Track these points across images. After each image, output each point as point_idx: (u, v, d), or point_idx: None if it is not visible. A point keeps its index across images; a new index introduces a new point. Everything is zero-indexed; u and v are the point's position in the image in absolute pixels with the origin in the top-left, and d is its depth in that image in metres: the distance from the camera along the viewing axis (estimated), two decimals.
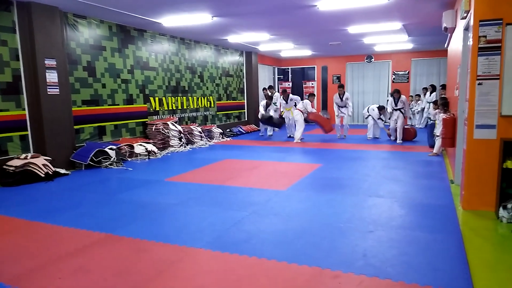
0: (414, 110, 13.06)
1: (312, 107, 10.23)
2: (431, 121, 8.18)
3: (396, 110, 9.27)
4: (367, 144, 9.11)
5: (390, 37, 10.19)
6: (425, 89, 12.80)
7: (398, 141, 9.10)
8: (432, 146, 7.75)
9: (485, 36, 3.81)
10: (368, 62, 14.48)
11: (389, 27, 8.53)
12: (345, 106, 10.21)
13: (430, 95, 12.28)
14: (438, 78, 13.51)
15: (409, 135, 9.41)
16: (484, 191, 3.96)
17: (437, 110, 7.44)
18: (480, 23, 3.82)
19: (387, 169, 6.21)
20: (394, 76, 14.11)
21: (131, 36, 8.20)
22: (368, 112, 10.09)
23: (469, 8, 4.11)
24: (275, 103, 11.90)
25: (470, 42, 3.96)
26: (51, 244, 3.34)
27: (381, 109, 9.84)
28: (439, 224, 3.60)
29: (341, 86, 10.29)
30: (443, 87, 9.88)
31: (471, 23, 3.92)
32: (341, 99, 10.16)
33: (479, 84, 3.88)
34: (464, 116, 4.33)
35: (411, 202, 4.37)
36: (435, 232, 3.40)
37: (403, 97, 9.31)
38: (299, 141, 9.70)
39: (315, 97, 11.22)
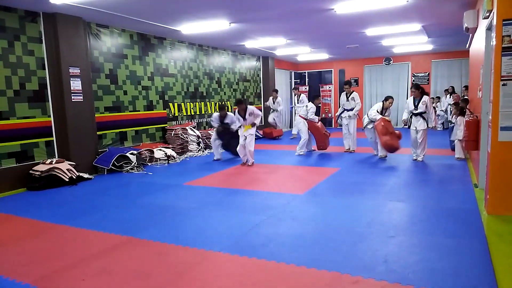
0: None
1: (323, 112, 8.76)
2: (452, 124, 7.98)
3: (416, 115, 6.93)
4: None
5: (409, 39, 10.03)
6: (447, 91, 12.52)
7: (419, 158, 7.01)
8: (453, 149, 7.57)
9: (509, 36, 3.72)
10: (386, 64, 14.29)
11: (408, 28, 8.41)
12: (351, 110, 8.23)
13: (450, 97, 12.02)
14: (459, 80, 13.19)
15: None
16: (510, 195, 3.84)
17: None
18: (504, 22, 3.73)
19: (408, 172, 6.10)
20: (413, 78, 13.86)
21: (151, 44, 8.38)
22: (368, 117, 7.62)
23: (492, 7, 4.02)
24: (276, 110, 11.70)
25: (494, 42, 3.87)
26: (75, 246, 3.43)
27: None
28: (463, 229, 3.51)
29: (348, 83, 8.43)
30: (466, 88, 9.64)
31: (494, 22, 3.84)
32: (347, 99, 8.29)
33: (503, 85, 3.78)
34: (488, 118, 4.22)
35: (433, 206, 4.28)
36: (459, 237, 3.32)
37: (425, 97, 6.90)
38: (301, 153, 8.21)
39: (320, 98, 9.12)
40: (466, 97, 8.71)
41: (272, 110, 11.87)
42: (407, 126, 7.19)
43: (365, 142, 8.44)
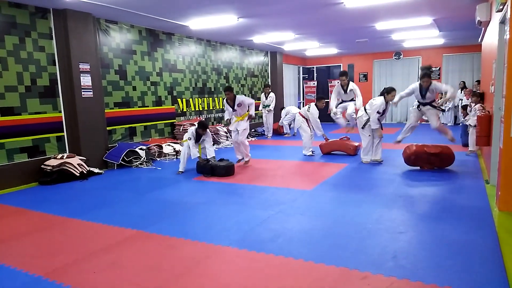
0: (445, 109, 12.59)
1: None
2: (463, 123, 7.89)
3: (425, 104, 6.20)
4: (395, 144, 8.79)
5: (419, 33, 9.88)
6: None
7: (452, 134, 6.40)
8: (465, 145, 7.47)
9: None
10: (396, 59, 14.12)
11: (418, 22, 8.29)
12: (352, 100, 7.66)
13: (461, 92, 11.86)
14: (471, 74, 12.98)
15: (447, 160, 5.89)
16: None
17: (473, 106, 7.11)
18: None
19: (418, 168, 6.04)
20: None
21: (159, 40, 8.40)
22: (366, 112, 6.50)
23: (506, 0, 3.94)
24: (269, 105, 10.95)
25: (507, 35, 3.79)
26: (86, 240, 3.48)
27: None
28: (474, 225, 3.47)
29: (344, 74, 7.54)
30: (478, 82, 9.49)
31: (508, 15, 3.76)
32: (345, 91, 7.56)
33: None
34: (500, 113, 4.15)
35: (443, 202, 4.24)
36: (469, 233, 3.28)
37: (433, 84, 6.08)
38: (310, 153, 7.56)
39: (324, 101, 7.61)
40: (479, 92, 8.56)
41: (264, 106, 11.19)
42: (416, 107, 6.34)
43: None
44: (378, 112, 6.18)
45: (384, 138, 6.59)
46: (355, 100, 7.54)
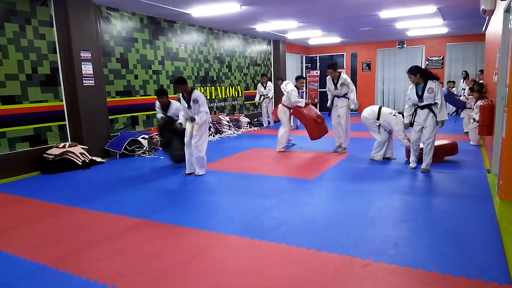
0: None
1: (309, 97, 7.03)
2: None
3: (422, 108, 4.99)
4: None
5: (423, 22, 9.78)
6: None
7: (423, 166, 5.16)
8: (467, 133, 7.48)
9: None
10: (400, 48, 14.00)
11: (423, 10, 8.19)
12: (343, 96, 6.53)
13: (463, 82, 11.79)
14: (474, 64, 12.88)
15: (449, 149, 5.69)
16: None
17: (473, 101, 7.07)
18: None
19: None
20: (427, 62, 13.58)
21: (161, 28, 8.33)
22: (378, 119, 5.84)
23: None
24: (266, 94, 10.69)
25: None
26: (89, 228, 3.51)
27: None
28: (475, 214, 3.49)
29: (332, 66, 6.44)
30: (482, 72, 9.42)
31: None
32: (336, 86, 6.52)
33: None
34: (503, 102, 4.13)
35: (445, 192, 4.25)
36: (471, 222, 3.30)
37: (432, 83, 4.90)
38: (282, 150, 6.87)
39: (303, 80, 7.06)
40: (481, 82, 8.52)
41: (261, 96, 10.99)
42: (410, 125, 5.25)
43: (362, 126, 6.81)
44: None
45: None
46: (347, 98, 6.54)
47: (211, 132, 9.02)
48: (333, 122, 6.71)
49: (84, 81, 6.40)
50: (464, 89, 11.09)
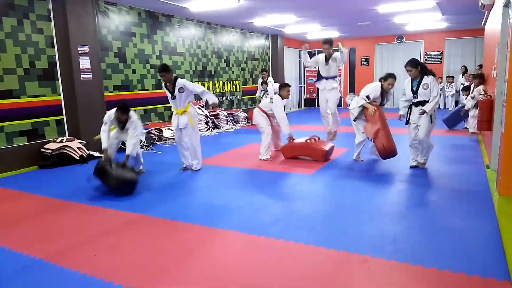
0: (447, 94, 12.52)
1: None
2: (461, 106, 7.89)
3: (417, 104, 4.78)
4: (397, 128, 8.58)
5: (422, 16, 9.73)
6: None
7: (421, 161, 5.05)
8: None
9: None
10: (398, 42, 13.96)
11: (421, 5, 8.15)
12: (332, 78, 6.11)
13: (462, 77, 11.77)
14: (473, 59, 12.85)
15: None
16: None
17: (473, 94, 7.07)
18: None
19: None
20: (426, 57, 13.55)
21: (159, 22, 8.27)
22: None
23: None
24: (267, 91, 8.93)
25: (511, 19, 3.73)
26: (86, 223, 3.50)
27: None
28: (474, 210, 3.49)
29: (328, 42, 6.10)
30: (480, 67, 9.40)
31: None
32: (327, 62, 6.07)
33: None
34: (502, 97, 4.12)
35: (444, 187, 4.25)
36: (469, 218, 3.30)
37: (427, 78, 4.69)
38: (267, 157, 5.90)
39: (289, 88, 6.03)
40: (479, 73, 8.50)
41: (262, 92, 10.33)
42: (405, 123, 5.02)
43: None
44: (367, 97, 5.09)
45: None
46: (336, 80, 6.09)
47: (209, 127, 9.00)
48: (322, 108, 6.27)
49: (81, 76, 6.36)
50: (463, 84, 11.07)
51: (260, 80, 10.74)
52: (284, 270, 2.51)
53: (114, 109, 4.62)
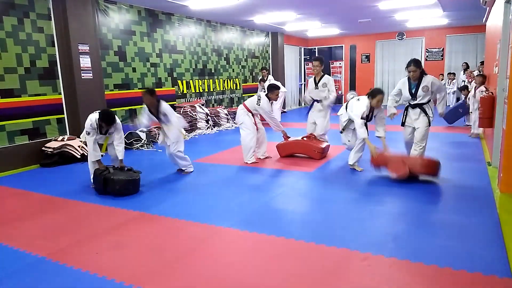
0: (448, 91, 12.49)
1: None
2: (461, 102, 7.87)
3: (414, 106, 4.56)
4: (398, 125, 8.54)
5: (423, 12, 9.69)
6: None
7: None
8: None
9: None
10: (399, 39, 13.91)
11: (422, 1, 8.11)
12: (325, 98, 5.76)
13: (463, 74, 11.74)
14: (475, 55, 12.82)
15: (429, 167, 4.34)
16: None
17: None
18: None
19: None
20: (427, 54, 13.51)
21: (159, 20, 8.26)
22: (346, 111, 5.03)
23: None
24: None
25: None
26: (88, 221, 3.51)
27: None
28: (475, 207, 3.49)
29: (318, 59, 5.70)
30: (482, 63, 9.37)
31: None
32: (316, 85, 5.75)
33: None
34: (504, 94, 4.11)
35: (445, 184, 4.24)
36: (471, 215, 3.30)
37: (428, 78, 4.44)
38: (253, 160, 5.56)
39: (279, 91, 5.62)
40: (482, 73, 8.49)
41: (263, 90, 9.66)
42: (401, 124, 4.79)
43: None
44: (362, 118, 4.65)
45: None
46: (328, 98, 5.74)
47: (209, 125, 9.00)
48: (308, 130, 5.91)
49: (82, 74, 6.36)
50: (464, 81, 11.04)
51: (260, 79, 10.68)
52: (285, 268, 2.51)
53: (94, 116, 4.38)
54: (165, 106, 4.82)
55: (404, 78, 4.66)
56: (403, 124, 4.76)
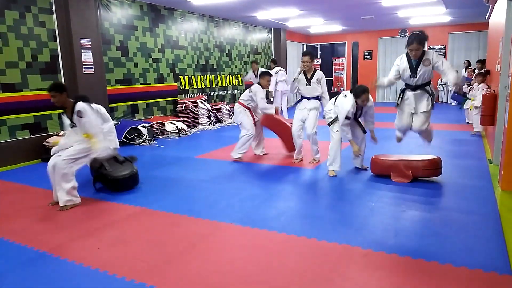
0: (450, 88, 12.46)
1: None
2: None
3: (415, 88, 4.10)
4: (392, 122, 8.32)
5: (426, 10, 9.66)
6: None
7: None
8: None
9: None
10: (402, 36, 13.86)
11: None
12: (315, 98, 5.09)
13: (465, 71, 11.70)
14: (477, 53, 12.77)
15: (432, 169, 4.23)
16: None
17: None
18: None
19: (421, 147, 6.01)
20: None
21: (161, 15, 8.24)
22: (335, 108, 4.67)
23: None
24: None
25: None
26: (89, 216, 3.52)
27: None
28: (476, 204, 3.49)
29: (308, 54, 4.98)
30: (481, 62, 9.31)
31: None
32: (308, 81, 5.01)
33: None
34: (506, 92, 4.10)
35: (446, 182, 4.24)
36: (472, 213, 3.30)
37: (429, 53, 4.08)
38: (239, 155, 5.47)
39: (269, 77, 5.47)
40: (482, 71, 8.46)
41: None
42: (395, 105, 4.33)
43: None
44: (347, 118, 4.39)
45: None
46: (320, 100, 5.15)
47: (211, 121, 9.00)
48: (295, 128, 5.17)
49: (84, 69, 6.36)
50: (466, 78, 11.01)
51: (251, 72, 9.82)
52: (286, 264, 2.52)
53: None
54: (81, 105, 3.72)
55: (402, 55, 4.22)
56: (398, 105, 4.25)
